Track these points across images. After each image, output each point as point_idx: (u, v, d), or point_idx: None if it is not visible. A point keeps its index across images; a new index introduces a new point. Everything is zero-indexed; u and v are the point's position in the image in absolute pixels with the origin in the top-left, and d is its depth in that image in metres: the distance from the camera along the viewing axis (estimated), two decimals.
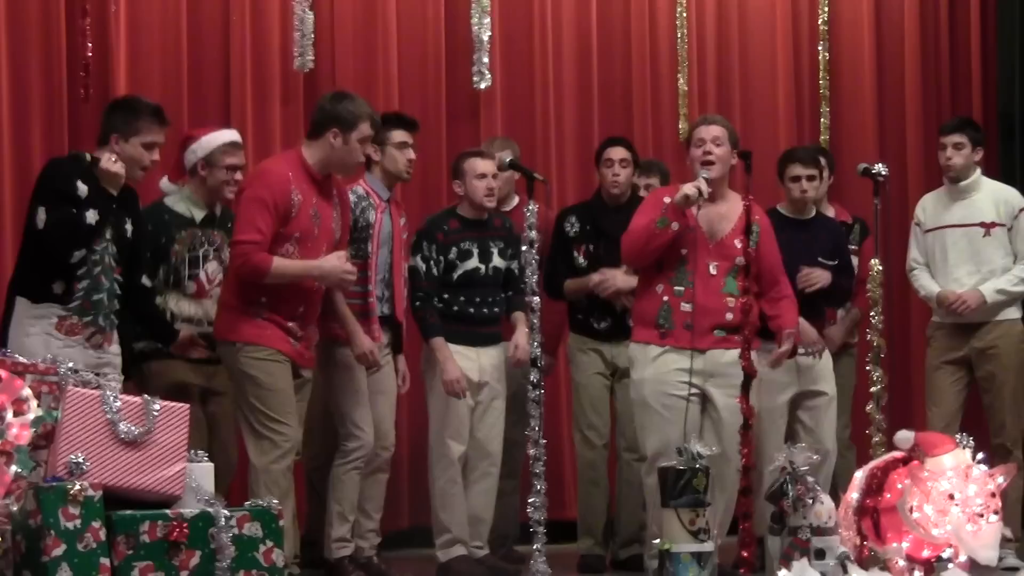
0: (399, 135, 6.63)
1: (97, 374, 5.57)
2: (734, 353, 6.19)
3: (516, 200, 7.29)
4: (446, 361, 6.56)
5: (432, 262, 6.63)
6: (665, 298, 6.26)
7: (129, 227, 5.84)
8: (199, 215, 6.36)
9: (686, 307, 6.22)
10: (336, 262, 6.00)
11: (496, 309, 6.76)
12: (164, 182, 6.53)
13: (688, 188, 6.14)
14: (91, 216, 5.64)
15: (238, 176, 6.39)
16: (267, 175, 5.96)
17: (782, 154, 7.23)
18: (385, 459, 6.61)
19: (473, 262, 6.69)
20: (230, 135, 6.51)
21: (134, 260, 5.91)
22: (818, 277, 6.84)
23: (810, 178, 7.00)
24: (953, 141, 7.14)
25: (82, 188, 5.63)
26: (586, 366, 7.09)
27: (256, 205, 5.86)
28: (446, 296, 6.65)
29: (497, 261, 6.76)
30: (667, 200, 6.24)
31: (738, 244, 6.27)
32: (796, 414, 6.89)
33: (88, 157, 5.71)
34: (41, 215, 5.63)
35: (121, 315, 5.85)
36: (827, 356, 6.96)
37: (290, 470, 5.95)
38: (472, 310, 6.68)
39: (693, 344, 6.19)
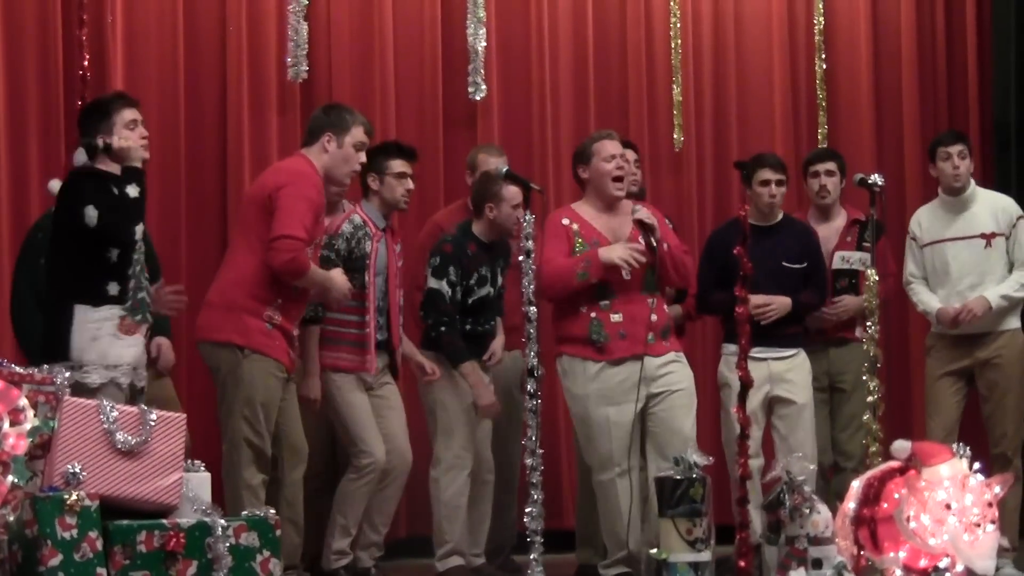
0: (398, 165, 6.65)
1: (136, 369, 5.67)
2: (668, 356, 6.32)
3: None
4: (479, 386, 6.62)
5: (457, 288, 6.65)
6: (593, 315, 6.31)
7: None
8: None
9: (616, 317, 6.28)
10: (344, 279, 6.08)
11: (492, 325, 6.81)
12: (54, 183, 6.33)
13: (621, 260, 6.19)
14: (132, 190, 5.60)
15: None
16: (311, 178, 5.97)
17: (751, 160, 7.19)
18: (403, 473, 6.61)
19: (486, 288, 6.74)
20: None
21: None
22: (774, 309, 6.84)
23: (779, 183, 7.03)
24: (957, 150, 7.13)
25: (111, 187, 5.61)
26: None
27: (306, 205, 5.85)
28: (457, 317, 6.68)
29: (499, 282, 6.81)
30: (570, 230, 6.34)
31: (641, 242, 6.34)
32: (772, 421, 6.92)
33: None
34: (90, 212, 5.53)
35: None
36: (802, 364, 6.95)
37: (265, 483, 5.96)
38: (480, 329, 6.74)
39: (631, 351, 6.27)
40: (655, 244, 6.31)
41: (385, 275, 6.58)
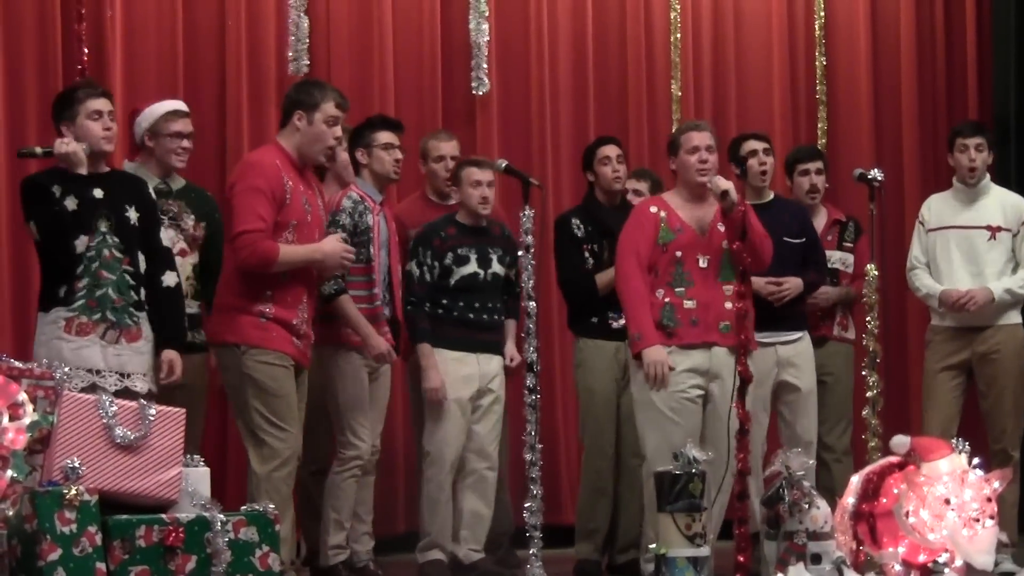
0: (384, 136, 6.65)
1: (124, 375, 5.59)
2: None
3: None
4: (429, 369, 6.60)
5: (426, 268, 6.65)
6: (667, 300, 6.27)
7: (133, 214, 5.72)
8: (151, 184, 6.17)
9: (689, 304, 6.25)
10: (336, 243, 6.03)
11: (496, 316, 6.78)
12: (126, 164, 6.44)
13: (649, 374, 6.16)
14: (71, 203, 5.58)
15: (185, 144, 6.37)
16: (257, 165, 5.95)
17: (731, 142, 7.19)
18: (372, 463, 6.60)
19: (471, 267, 6.70)
20: (173, 103, 6.46)
21: (151, 255, 5.77)
22: (788, 288, 6.82)
23: (766, 151, 7.01)
24: (976, 143, 7.14)
25: (56, 188, 5.59)
26: (600, 372, 7.03)
27: (253, 195, 5.83)
28: (445, 301, 6.67)
29: (496, 268, 6.78)
30: (657, 217, 6.27)
31: (721, 228, 6.29)
32: (776, 407, 6.92)
33: (39, 150, 5.74)
34: (32, 227, 5.63)
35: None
36: (807, 348, 6.94)
37: (291, 477, 5.92)
38: (472, 315, 6.70)
39: (702, 339, 6.23)
40: (730, 208, 6.17)
41: (387, 249, 6.58)
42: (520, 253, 6.21)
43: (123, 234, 5.67)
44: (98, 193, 5.64)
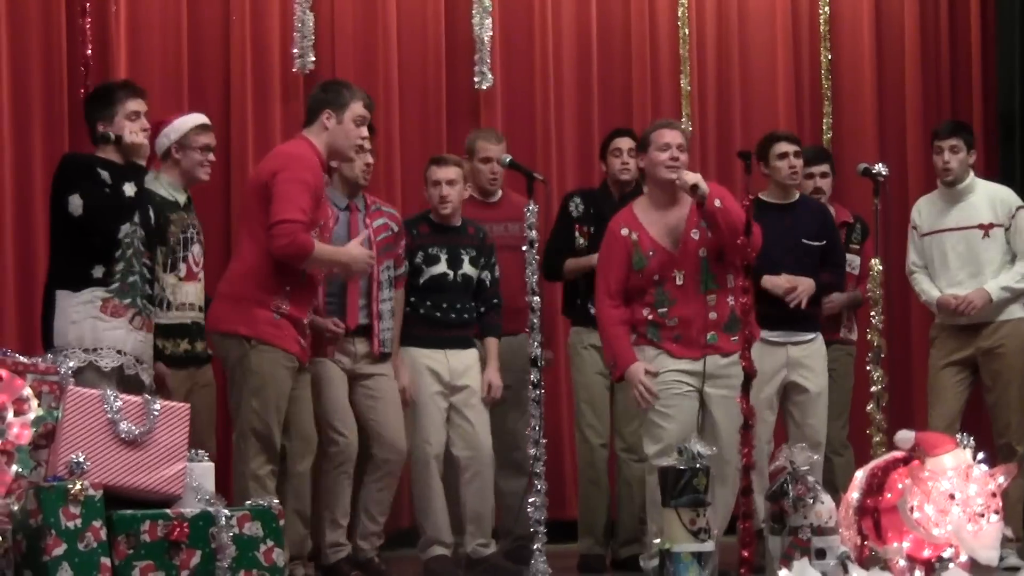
0: None
1: (139, 361, 5.74)
2: (733, 358, 6.15)
3: (500, 194, 7.29)
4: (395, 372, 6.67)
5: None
6: (651, 318, 6.24)
7: (151, 214, 5.91)
8: (181, 198, 6.34)
9: (671, 323, 6.21)
10: (361, 249, 6.05)
11: (466, 315, 6.77)
12: None
13: (634, 392, 6.16)
14: (129, 189, 5.72)
15: (211, 157, 6.44)
16: (305, 159, 5.93)
17: (762, 139, 7.20)
18: (396, 464, 6.58)
19: (440, 267, 6.71)
20: (200, 117, 6.50)
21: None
22: (801, 291, 6.82)
23: (796, 155, 7.03)
24: (949, 144, 7.12)
25: (104, 174, 5.69)
26: (586, 365, 7.08)
27: (299, 187, 5.82)
28: (413, 299, 6.70)
29: (467, 268, 6.77)
30: (628, 241, 6.21)
31: (695, 235, 6.22)
32: (786, 407, 6.92)
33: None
34: (75, 201, 5.66)
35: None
36: (819, 349, 6.95)
37: (274, 474, 5.95)
38: (439, 314, 6.71)
39: (687, 355, 6.18)
40: (702, 200, 6.12)
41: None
42: (524, 248, 6.20)
43: (147, 230, 5.84)
44: (134, 188, 5.76)
